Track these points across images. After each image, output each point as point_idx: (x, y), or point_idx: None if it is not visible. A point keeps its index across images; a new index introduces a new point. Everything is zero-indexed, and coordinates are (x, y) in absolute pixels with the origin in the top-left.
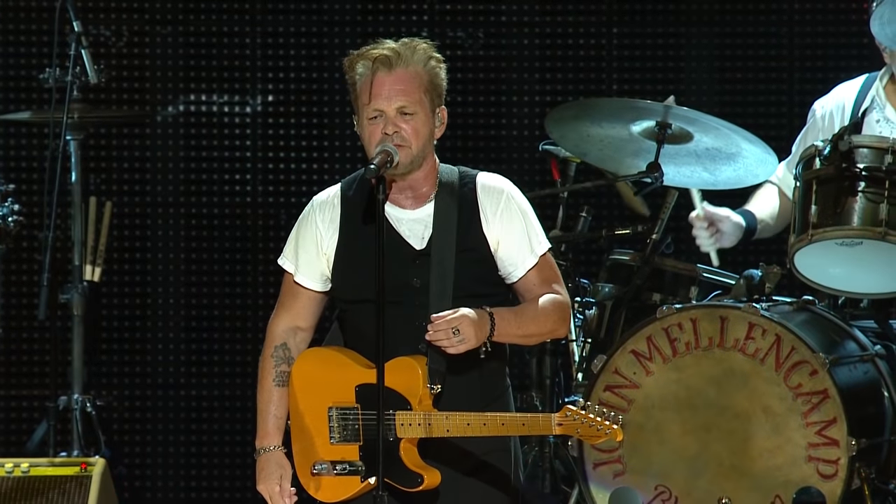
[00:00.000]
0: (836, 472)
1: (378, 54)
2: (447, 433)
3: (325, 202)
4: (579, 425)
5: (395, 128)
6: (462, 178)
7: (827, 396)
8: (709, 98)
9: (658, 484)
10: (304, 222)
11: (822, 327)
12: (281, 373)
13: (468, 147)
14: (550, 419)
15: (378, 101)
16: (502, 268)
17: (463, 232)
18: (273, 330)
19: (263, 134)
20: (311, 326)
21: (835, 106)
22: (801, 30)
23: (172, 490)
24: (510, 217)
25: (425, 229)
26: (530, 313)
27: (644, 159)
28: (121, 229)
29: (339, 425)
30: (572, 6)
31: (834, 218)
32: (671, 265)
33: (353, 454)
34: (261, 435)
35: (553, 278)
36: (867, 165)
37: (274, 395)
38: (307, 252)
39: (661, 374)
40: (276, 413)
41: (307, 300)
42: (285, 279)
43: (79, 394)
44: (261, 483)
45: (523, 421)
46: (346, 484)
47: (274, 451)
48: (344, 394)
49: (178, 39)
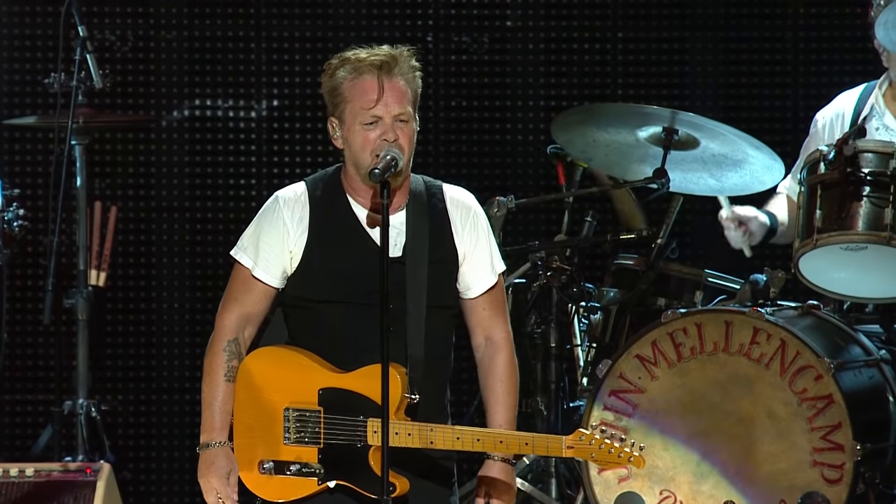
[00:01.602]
0: (840, 477)
1: (380, 60)
2: (432, 445)
3: (293, 199)
4: (595, 450)
5: (394, 135)
6: (429, 189)
7: (832, 401)
8: (714, 104)
9: (663, 489)
10: (268, 217)
11: (827, 332)
12: (231, 368)
13: (473, 152)
14: (561, 442)
15: (378, 107)
16: (461, 282)
17: (435, 241)
18: (223, 323)
19: (269, 139)
20: (259, 321)
21: (834, 115)
22: (807, 35)
23: (177, 495)
24: (477, 233)
25: (398, 236)
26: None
27: (650, 165)
28: (126, 234)
29: (295, 426)
30: (577, 11)
31: (839, 223)
32: (676, 270)
33: (311, 456)
34: (208, 429)
35: (501, 306)
36: (872, 170)
37: (223, 389)
38: (271, 247)
39: (666, 378)
40: (225, 408)
41: (262, 295)
42: (239, 272)
43: (83, 398)
44: (209, 476)
45: (526, 440)
46: (297, 485)
47: (223, 446)
48: (303, 395)
49: (183, 44)
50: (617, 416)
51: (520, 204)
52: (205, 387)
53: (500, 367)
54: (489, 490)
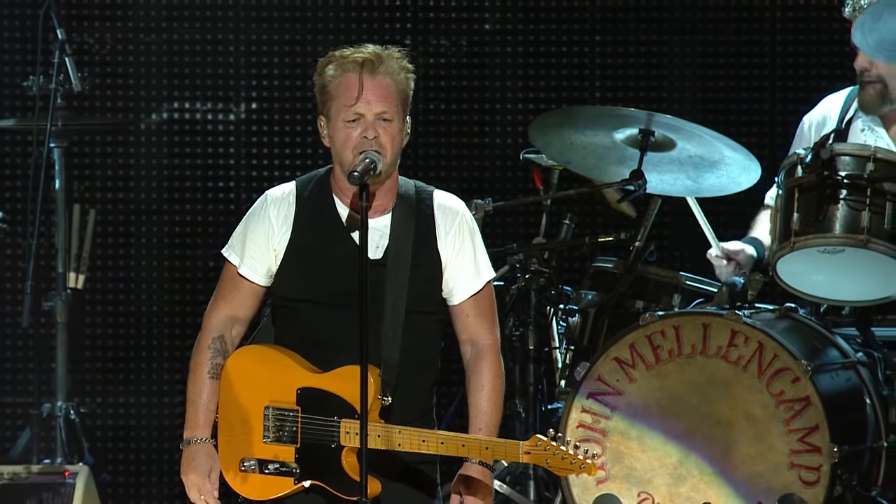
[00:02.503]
0: (818, 479)
1: (363, 58)
2: (399, 447)
3: (280, 199)
4: (549, 456)
5: (374, 133)
6: (419, 194)
7: (809, 403)
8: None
9: (641, 490)
10: (256, 216)
11: (805, 335)
12: (216, 365)
13: (451, 154)
14: (518, 447)
15: (359, 104)
16: (446, 288)
17: (418, 246)
18: (210, 321)
19: (247, 142)
20: (247, 319)
21: (820, 117)
22: (783, 38)
23: (156, 497)
24: (461, 239)
25: (381, 238)
26: (495, 406)
27: (627, 167)
28: (104, 237)
29: (274, 425)
30: (555, 15)
31: (816, 225)
32: (654, 273)
33: (288, 455)
34: (191, 425)
35: (488, 313)
36: (849, 173)
37: (207, 386)
38: (256, 245)
39: (644, 381)
40: (209, 405)
41: (248, 293)
42: (227, 270)
43: (62, 401)
44: (190, 473)
45: (487, 444)
46: (275, 483)
47: (204, 442)
48: (283, 394)
49: (161, 47)
50: (595, 418)
51: (497, 207)
52: (189, 384)
53: (482, 374)
54: (465, 490)
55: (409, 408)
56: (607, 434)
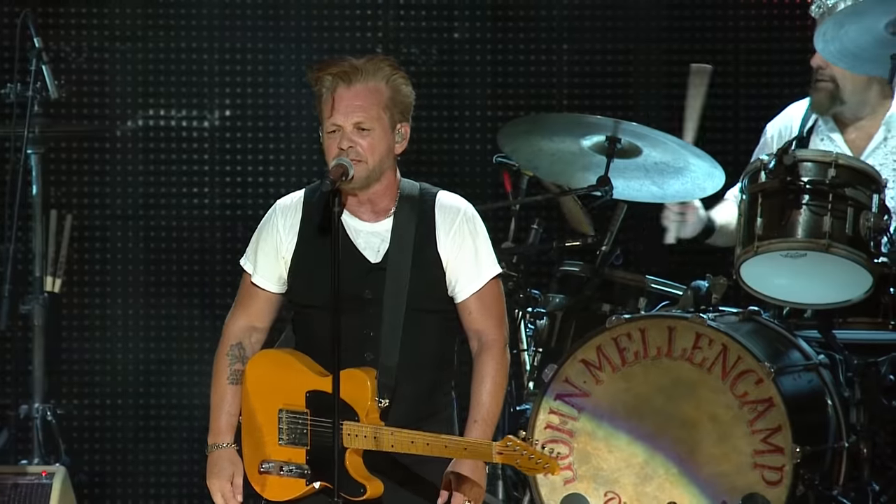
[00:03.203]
0: (780, 479)
1: (338, 70)
2: (392, 448)
3: (288, 207)
4: (519, 456)
5: (349, 143)
6: (422, 196)
7: (772, 405)
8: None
9: (607, 490)
10: (266, 225)
11: (768, 337)
12: (235, 371)
13: (422, 160)
14: (491, 447)
15: (336, 115)
16: (450, 286)
17: (418, 248)
18: (229, 329)
19: (221, 148)
20: (266, 327)
21: (783, 125)
22: (747, 47)
23: (131, 497)
24: (462, 237)
25: (382, 243)
26: (495, 401)
27: (594, 173)
28: (81, 241)
29: (287, 427)
30: (524, 24)
31: (779, 230)
32: (620, 277)
33: (300, 457)
34: (213, 432)
35: (493, 310)
36: (811, 179)
37: (228, 393)
38: (266, 254)
39: (611, 383)
40: (229, 411)
41: (264, 301)
42: (244, 279)
43: (39, 403)
44: (212, 478)
45: (465, 445)
46: (291, 485)
47: (226, 447)
48: (295, 397)
49: (137, 55)
50: (562, 419)
51: None
52: (211, 391)
53: (485, 368)
54: (455, 485)
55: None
56: (574, 435)
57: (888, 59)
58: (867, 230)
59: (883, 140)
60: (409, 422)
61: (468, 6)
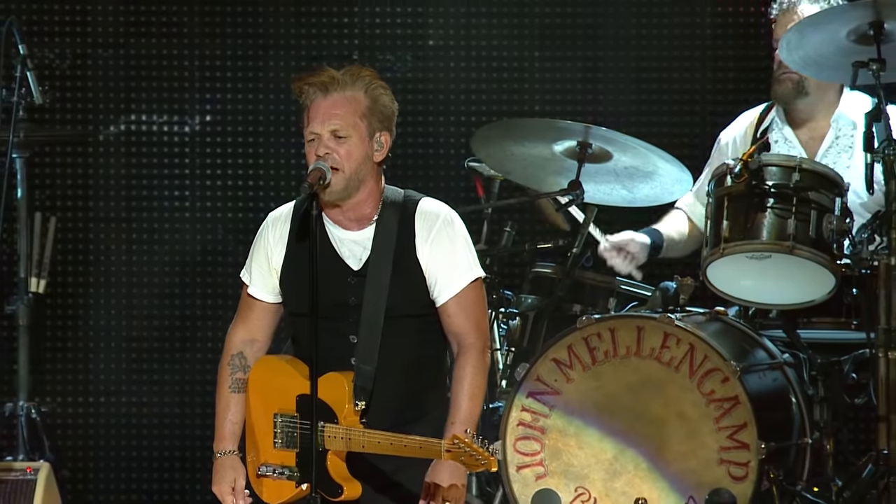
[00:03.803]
0: (746, 475)
1: (316, 80)
2: (363, 449)
3: (278, 219)
4: (463, 454)
5: (326, 149)
6: (405, 203)
7: (738, 402)
8: (626, 119)
9: (578, 486)
10: (259, 238)
11: (733, 336)
12: (237, 380)
13: (397, 164)
14: (440, 446)
15: (313, 124)
16: (431, 291)
17: (399, 255)
18: (231, 339)
19: (201, 152)
20: (267, 337)
21: (737, 133)
22: (713, 54)
23: (113, 492)
24: (440, 242)
25: (364, 251)
26: (474, 402)
27: (566, 177)
28: (65, 243)
29: (282, 431)
30: (496, 31)
31: (744, 232)
32: (591, 278)
33: (291, 460)
34: (217, 439)
35: (472, 313)
36: (776, 183)
37: (230, 401)
38: (260, 265)
39: (581, 381)
40: (232, 419)
41: (261, 311)
42: (243, 291)
43: (24, 400)
44: (216, 484)
45: (420, 444)
46: (284, 488)
47: (229, 455)
48: (288, 402)
49: (119, 62)
50: (534, 416)
51: None
52: (216, 399)
53: (464, 370)
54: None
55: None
56: (546, 432)
57: (850, 67)
58: (830, 232)
59: (835, 139)
60: (392, 423)
61: (442, 14)
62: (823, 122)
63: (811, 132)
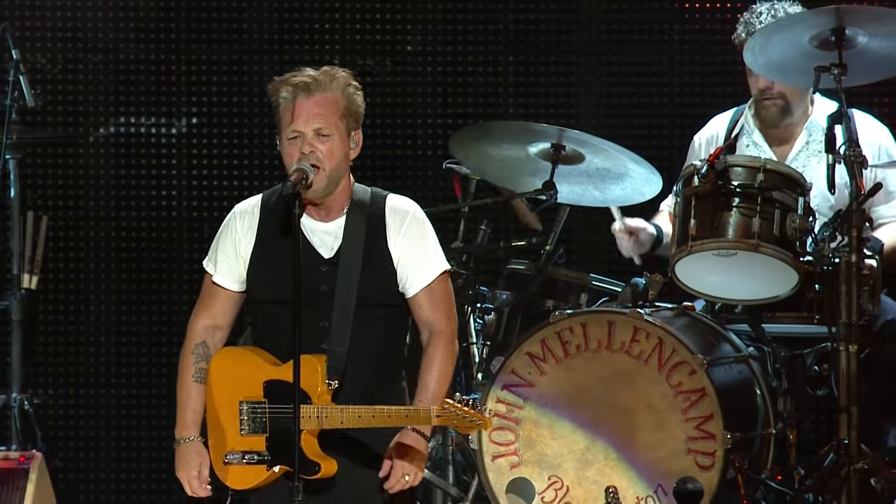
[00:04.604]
0: (712, 464)
1: (299, 81)
2: (341, 425)
3: (246, 211)
4: (454, 417)
5: (311, 147)
6: (373, 198)
7: (704, 394)
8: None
9: (551, 474)
10: (226, 229)
11: (700, 331)
12: (199, 370)
13: (377, 165)
14: (430, 411)
15: (297, 122)
16: (400, 282)
17: (369, 245)
18: (193, 328)
19: (188, 153)
20: (228, 325)
21: (709, 136)
22: (681, 59)
23: (104, 482)
24: (411, 237)
25: (335, 240)
26: (440, 385)
27: (540, 178)
28: (56, 241)
29: (248, 418)
30: (472, 37)
31: (711, 231)
32: (563, 274)
33: (261, 445)
34: (180, 426)
35: (442, 303)
36: (741, 183)
37: (193, 390)
38: (226, 255)
39: (554, 374)
40: (194, 407)
41: (225, 299)
42: (206, 280)
43: (17, 392)
44: (180, 470)
45: (406, 413)
46: (254, 472)
47: (193, 441)
48: (253, 389)
49: (109, 66)
50: (509, 407)
51: None
52: (177, 388)
53: (434, 356)
54: (397, 455)
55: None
56: (520, 422)
57: (812, 71)
58: (793, 231)
59: (805, 144)
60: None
61: (420, 21)
62: (796, 128)
63: (782, 137)
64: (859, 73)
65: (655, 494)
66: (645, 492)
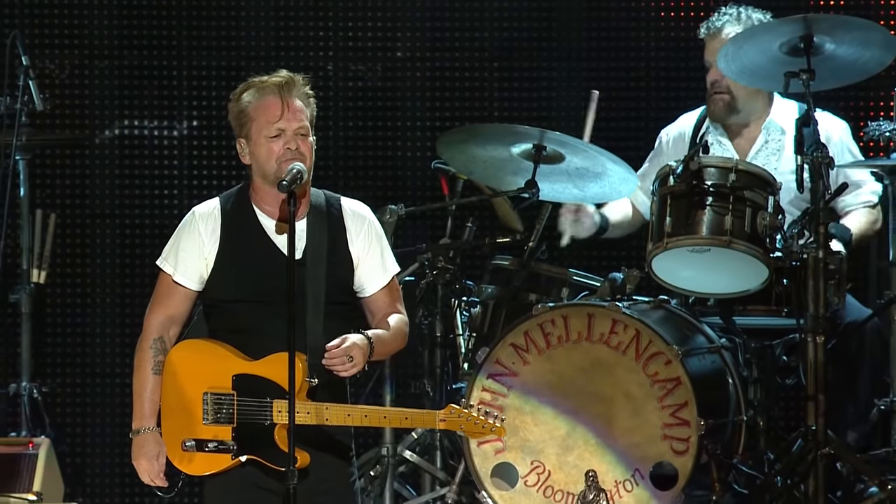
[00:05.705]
0: (687, 449)
1: (280, 80)
2: (326, 422)
3: (207, 214)
4: (463, 422)
5: (296, 144)
6: (328, 200)
7: (679, 383)
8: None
9: (534, 459)
10: (187, 230)
11: (676, 323)
12: (158, 362)
13: (368, 166)
14: (434, 416)
15: (282, 121)
16: (357, 283)
17: (332, 247)
18: (150, 323)
19: (189, 155)
20: (182, 320)
21: (677, 133)
22: (657, 65)
23: (108, 466)
24: (370, 240)
25: (300, 241)
26: (392, 333)
27: (523, 177)
28: (63, 238)
29: (212, 408)
30: (458, 44)
31: (685, 228)
32: (545, 269)
33: (226, 435)
34: (138, 417)
35: (398, 299)
36: (714, 182)
37: (151, 381)
38: (189, 255)
39: (537, 364)
40: (153, 398)
41: (182, 297)
42: (163, 279)
43: (27, 381)
44: (140, 458)
45: (406, 415)
46: (215, 460)
47: (151, 431)
48: (220, 381)
49: (114, 72)
50: (494, 396)
51: (409, 211)
52: (135, 380)
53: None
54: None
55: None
56: (504, 410)
57: (782, 76)
58: (764, 228)
59: (764, 143)
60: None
61: (409, 28)
62: (755, 128)
63: (743, 137)
64: (827, 77)
65: (633, 478)
66: (623, 475)
